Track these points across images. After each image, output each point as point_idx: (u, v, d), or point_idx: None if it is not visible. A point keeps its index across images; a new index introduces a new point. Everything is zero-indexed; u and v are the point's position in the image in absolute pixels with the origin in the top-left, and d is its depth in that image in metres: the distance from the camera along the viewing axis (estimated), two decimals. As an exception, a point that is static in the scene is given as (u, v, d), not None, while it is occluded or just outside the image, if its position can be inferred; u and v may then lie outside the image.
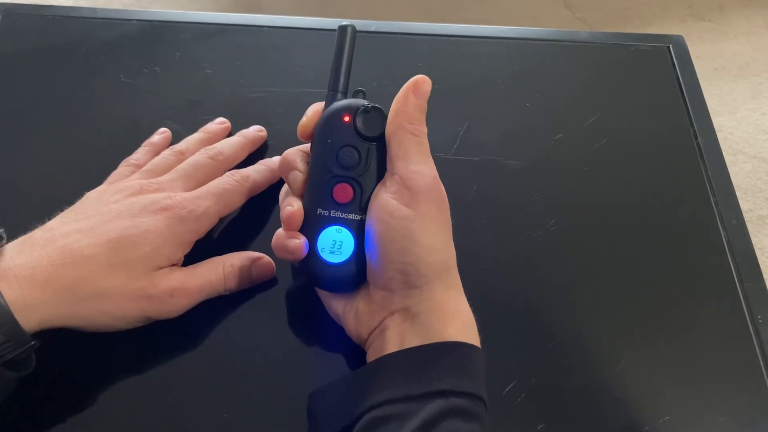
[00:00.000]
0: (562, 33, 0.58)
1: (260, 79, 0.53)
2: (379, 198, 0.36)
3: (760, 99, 1.56)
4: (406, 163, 0.35)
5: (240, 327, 0.40)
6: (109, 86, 0.52)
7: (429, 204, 0.35)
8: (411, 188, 0.35)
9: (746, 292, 0.42)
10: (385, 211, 0.35)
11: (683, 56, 0.56)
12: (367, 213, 0.36)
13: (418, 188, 0.35)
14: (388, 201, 0.35)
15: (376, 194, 0.36)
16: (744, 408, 0.38)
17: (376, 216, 0.35)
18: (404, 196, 0.35)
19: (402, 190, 0.35)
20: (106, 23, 0.56)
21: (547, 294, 0.42)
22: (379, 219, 0.35)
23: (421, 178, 0.35)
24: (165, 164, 0.43)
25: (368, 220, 0.36)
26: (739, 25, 1.72)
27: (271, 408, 0.37)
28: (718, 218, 0.46)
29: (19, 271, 0.33)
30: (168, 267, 0.38)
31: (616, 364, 0.39)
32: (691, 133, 0.51)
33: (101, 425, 0.36)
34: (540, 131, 0.51)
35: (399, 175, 0.35)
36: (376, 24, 0.57)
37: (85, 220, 0.37)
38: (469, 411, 0.31)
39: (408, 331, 0.34)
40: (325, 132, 0.37)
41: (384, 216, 0.35)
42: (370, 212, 0.36)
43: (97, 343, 0.37)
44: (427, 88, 0.37)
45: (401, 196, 0.35)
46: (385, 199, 0.35)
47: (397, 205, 0.35)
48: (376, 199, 0.36)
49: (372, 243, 0.35)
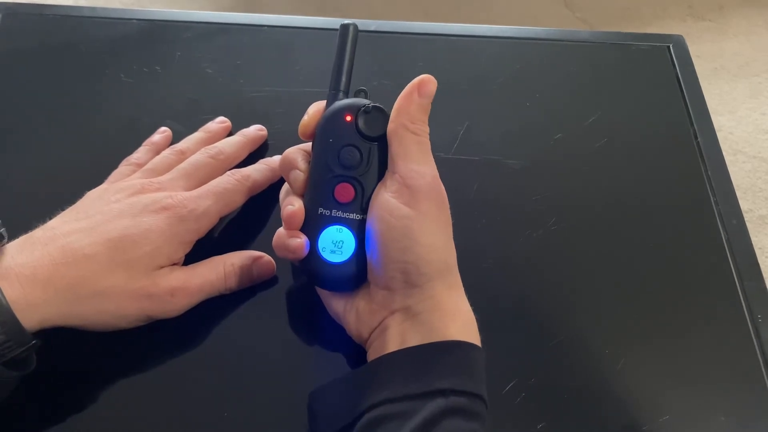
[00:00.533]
0: (563, 32, 0.58)
1: (261, 79, 0.53)
2: (380, 197, 0.36)
3: (760, 99, 1.56)
4: (407, 162, 0.35)
5: (240, 326, 0.40)
6: (110, 86, 0.52)
7: (429, 203, 0.35)
8: (411, 187, 0.35)
9: (746, 292, 0.42)
10: (385, 210, 0.35)
11: (683, 56, 0.56)
12: (368, 212, 0.36)
13: (418, 187, 0.35)
14: (389, 200, 0.35)
15: (377, 193, 0.36)
16: (744, 407, 0.38)
17: (376, 215, 0.35)
18: (404, 195, 0.35)
19: (402, 189, 0.35)
20: (107, 23, 0.56)
21: (547, 293, 0.42)
22: (379, 218, 0.35)
23: (422, 178, 0.35)
24: (166, 163, 0.43)
25: (369, 220, 0.36)
26: (739, 24, 1.72)
27: (272, 407, 0.37)
28: (718, 218, 0.46)
29: (20, 270, 0.33)
30: (169, 266, 0.38)
31: (615, 363, 0.39)
32: (691, 133, 0.51)
33: (102, 424, 0.36)
34: (540, 131, 0.51)
35: (399, 174, 0.35)
36: (376, 23, 0.57)
37: (86, 219, 0.37)
38: (470, 410, 0.31)
39: (409, 330, 0.34)
40: (326, 131, 0.37)
41: (384, 215, 0.35)
42: (370, 211, 0.36)
43: (97, 342, 0.37)
44: (432, 87, 0.36)
45: (401, 195, 0.35)
46: (386, 198, 0.35)
47: (398, 204, 0.35)
48: (377, 199, 0.36)
49: (372, 242, 0.35)
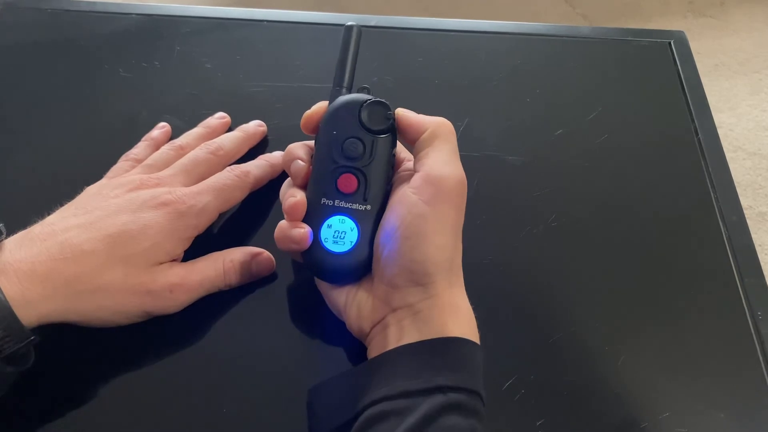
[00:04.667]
0: (563, 28, 0.58)
1: (260, 74, 0.52)
2: (400, 191, 0.36)
3: (761, 95, 1.56)
4: (436, 160, 0.36)
5: (240, 322, 0.40)
6: (109, 80, 0.52)
7: (449, 204, 0.35)
8: (435, 185, 0.35)
9: (746, 289, 0.42)
10: (403, 205, 0.35)
11: (684, 52, 0.56)
12: (388, 206, 0.36)
13: (442, 187, 0.35)
14: (409, 196, 0.35)
15: (399, 188, 0.36)
16: (744, 404, 0.38)
17: (393, 209, 0.35)
18: (426, 193, 0.35)
19: (425, 186, 0.35)
20: (106, 17, 0.56)
21: (547, 290, 0.42)
22: (396, 212, 0.35)
23: (448, 178, 0.35)
24: (165, 159, 0.43)
25: (387, 213, 0.36)
26: (740, 21, 1.72)
27: (271, 403, 0.37)
28: (718, 215, 0.46)
29: (18, 265, 0.33)
30: (168, 262, 0.38)
31: (615, 360, 0.39)
32: (692, 129, 0.51)
33: (100, 419, 0.36)
34: (540, 127, 0.51)
35: (425, 171, 0.35)
36: (376, 18, 0.56)
37: (85, 214, 0.37)
38: (468, 406, 0.31)
39: (408, 326, 0.34)
40: (330, 124, 0.37)
41: (402, 210, 0.35)
42: (389, 206, 0.36)
43: (96, 338, 0.37)
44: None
45: (423, 192, 0.35)
46: (407, 194, 0.35)
47: (417, 200, 0.35)
48: (397, 193, 0.36)
49: (384, 235, 0.35)
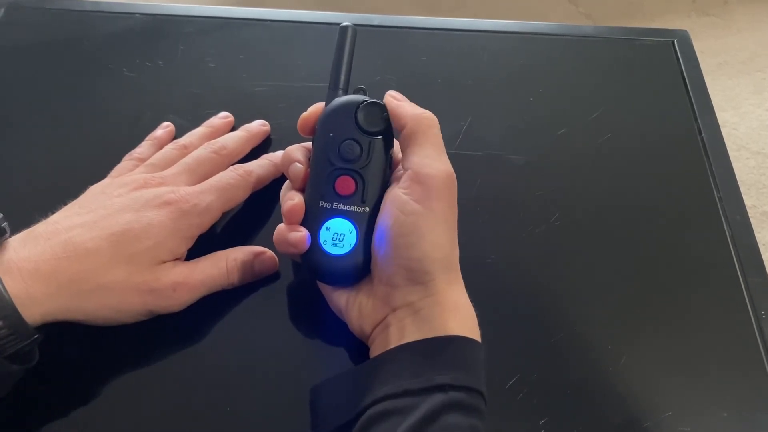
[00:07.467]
0: (566, 27, 0.58)
1: (263, 73, 0.52)
2: (392, 192, 0.36)
3: (764, 94, 1.56)
4: (421, 158, 0.36)
5: (242, 322, 0.40)
6: (113, 80, 0.52)
7: (440, 201, 0.35)
8: (423, 184, 0.35)
9: (750, 288, 0.42)
10: (396, 206, 0.35)
11: (687, 51, 0.56)
12: (381, 207, 0.36)
13: (431, 185, 0.35)
14: (400, 195, 0.35)
15: (390, 189, 0.36)
16: (747, 403, 0.38)
17: (387, 210, 0.35)
18: (416, 192, 0.35)
19: (414, 185, 0.35)
20: (109, 17, 0.56)
21: (549, 289, 0.42)
22: (389, 213, 0.35)
23: (435, 175, 0.35)
24: (168, 158, 0.43)
25: (379, 214, 0.36)
26: (744, 20, 1.71)
27: (274, 402, 0.37)
28: (722, 214, 0.46)
29: (22, 264, 0.33)
30: (171, 261, 0.38)
31: (618, 359, 0.39)
32: (695, 129, 0.51)
33: (104, 418, 0.36)
34: (543, 126, 0.51)
35: (412, 170, 0.35)
36: (378, 18, 0.56)
37: (89, 213, 0.37)
38: (469, 405, 0.31)
39: (409, 326, 0.34)
40: (327, 126, 0.37)
41: (394, 210, 0.35)
42: (382, 206, 0.36)
43: (100, 336, 0.37)
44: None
45: (413, 191, 0.35)
46: (398, 194, 0.35)
47: (408, 200, 0.35)
48: (389, 194, 0.36)
49: (380, 236, 0.35)
